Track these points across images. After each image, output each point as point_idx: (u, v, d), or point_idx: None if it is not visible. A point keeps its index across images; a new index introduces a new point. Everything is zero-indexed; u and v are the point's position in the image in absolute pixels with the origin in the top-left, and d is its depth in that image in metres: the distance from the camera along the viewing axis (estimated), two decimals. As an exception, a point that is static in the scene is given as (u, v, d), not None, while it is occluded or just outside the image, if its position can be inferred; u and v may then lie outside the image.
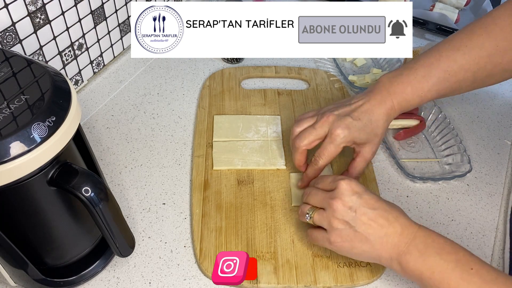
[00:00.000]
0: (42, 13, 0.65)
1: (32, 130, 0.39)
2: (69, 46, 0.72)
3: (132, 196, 0.64)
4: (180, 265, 0.57)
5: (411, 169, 0.70)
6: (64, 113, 0.41)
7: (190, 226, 0.61)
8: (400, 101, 0.59)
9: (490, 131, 0.77)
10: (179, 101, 0.79)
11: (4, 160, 0.37)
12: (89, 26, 0.75)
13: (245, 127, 0.73)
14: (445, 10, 0.98)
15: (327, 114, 0.59)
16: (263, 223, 0.61)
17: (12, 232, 0.46)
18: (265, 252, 0.58)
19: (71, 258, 0.54)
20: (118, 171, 0.67)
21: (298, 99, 0.79)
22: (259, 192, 0.64)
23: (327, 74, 0.85)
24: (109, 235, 0.48)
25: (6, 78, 0.43)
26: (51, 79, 0.43)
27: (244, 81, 0.84)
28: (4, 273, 0.51)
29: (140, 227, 0.61)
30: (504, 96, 0.85)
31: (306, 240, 0.59)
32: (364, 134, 0.59)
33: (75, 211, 0.50)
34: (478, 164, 0.72)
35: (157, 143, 0.72)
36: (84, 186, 0.43)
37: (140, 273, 0.56)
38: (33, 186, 0.43)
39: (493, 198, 0.67)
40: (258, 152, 0.69)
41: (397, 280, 0.57)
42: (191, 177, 0.67)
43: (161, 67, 0.86)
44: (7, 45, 0.61)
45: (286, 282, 0.55)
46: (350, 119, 0.58)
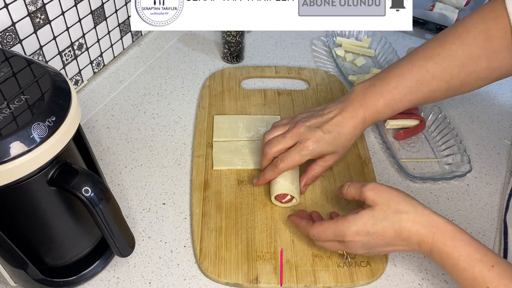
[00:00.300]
0: (42, 13, 0.65)
1: (32, 130, 0.39)
2: (69, 46, 0.72)
3: (132, 196, 0.64)
4: (180, 265, 0.57)
5: (411, 169, 0.70)
6: (64, 113, 0.41)
7: (190, 226, 0.61)
8: (372, 113, 0.59)
9: (490, 131, 0.77)
10: (179, 101, 0.79)
11: (4, 160, 0.37)
12: (89, 26, 0.75)
13: (245, 127, 0.73)
14: (445, 10, 0.98)
15: (298, 125, 0.60)
16: (263, 223, 0.61)
17: (12, 232, 0.46)
18: (265, 252, 0.58)
19: (71, 258, 0.54)
20: (118, 171, 0.67)
21: (298, 99, 0.79)
22: (259, 192, 0.64)
23: (327, 74, 0.85)
24: (109, 235, 0.48)
25: (6, 78, 0.43)
26: (51, 79, 0.43)
27: (244, 81, 0.84)
28: (4, 273, 0.51)
29: (140, 227, 0.61)
30: (504, 96, 0.85)
31: (306, 240, 0.59)
32: (332, 146, 0.59)
33: (75, 211, 0.50)
34: (478, 164, 0.72)
35: (157, 143, 0.72)
36: (84, 186, 0.43)
37: (140, 273, 0.56)
38: (33, 186, 0.43)
39: (493, 198, 0.67)
40: (258, 152, 0.69)
41: (397, 280, 0.57)
42: (191, 177, 0.67)
43: (161, 67, 0.86)
44: (7, 45, 0.61)
45: (286, 282, 0.55)
46: (321, 132, 0.58)
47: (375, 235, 0.50)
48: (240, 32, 0.83)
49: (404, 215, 0.49)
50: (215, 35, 0.94)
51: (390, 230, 0.49)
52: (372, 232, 0.49)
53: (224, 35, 0.83)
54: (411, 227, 0.48)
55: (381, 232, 0.49)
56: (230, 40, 0.83)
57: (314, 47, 0.93)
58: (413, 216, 0.49)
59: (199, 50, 0.90)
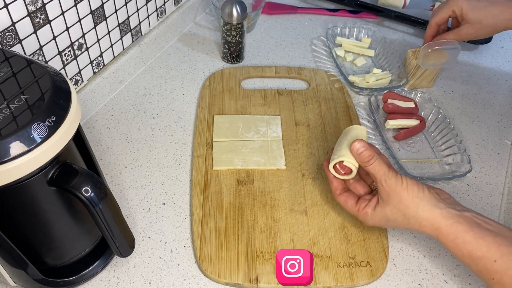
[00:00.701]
0: (42, 13, 0.65)
1: (32, 130, 0.39)
2: (69, 46, 0.72)
3: (132, 196, 0.64)
4: (180, 265, 0.57)
5: (411, 169, 0.70)
6: (64, 113, 0.41)
7: (190, 226, 0.61)
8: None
9: (490, 131, 0.77)
10: (179, 101, 0.79)
11: (4, 160, 0.37)
12: (89, 26, 0.75)
13: (245, 127, 0.73)
14: (445, 10, 0.97)
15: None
16: (263, 223, 0.61)
17: (12, 232, 0.46)
18: (265, 252, 0.58)
19: (71, 258, 0.54)
20: (118, 171, 0.67)
21: (298, 99, 0.79)
22: (259, 192, 0.64)
23: (327, 74, 0.85)
24: (109, 235, 0.48)
25: (6, 78, 0.43)
26: (51, 79, 0.43)
27: (244, 81, 0.84)
28: (4, 273, 0.51)
29: (140, 227, 0.61)
30: (504, 96, 0.85)
31: (306, 240, 0.59)
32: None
33: (75, 211, 0.50)
34: (478, 164, 0.72)
35: (157, 143, 0.72)
36: (84, 186, 0.43)
37: (140, 273, 0.56)
38: (33, 186, 0.43)
39: (493, 198, 0.67)
40: (258, 152, 0.69)
41: (397, 280, 0.57)
42: (191, 177, 0.67)
43: (161, 67, 0.86)
44: (7, 45, 0.61)
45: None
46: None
47: (389, 226, 0.57)
48: (240, 32, 0.83)
49: (411, 220, 0.53)
50: (215, 35, 0.94)
51: (402, 226, 0.55)
52: (387, 225, 0.57)
53: (224, 35, 0.83)
54: (418, 229, 0.53)
55: (394, 226, 0.56)
56: (230, 40, 0.83)
57: (314, 47, 0.93)
58: (419, 221, 0.53)
59: (199, 50, 0.90)
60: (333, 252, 0.58)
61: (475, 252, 0.49)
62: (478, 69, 0.89)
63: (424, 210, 0.52)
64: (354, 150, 0.56)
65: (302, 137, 0.72)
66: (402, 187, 0.53)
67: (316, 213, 0.62)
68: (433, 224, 0.52)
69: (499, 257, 0.48)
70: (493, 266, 0.48)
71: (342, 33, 0.94)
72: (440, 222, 0.51)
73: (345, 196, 0.59)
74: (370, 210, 0.56)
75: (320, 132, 0.73)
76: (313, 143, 0.72)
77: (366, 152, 0.55)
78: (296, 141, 0.72)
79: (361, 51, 0.90)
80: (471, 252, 0.49)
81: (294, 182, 0.66)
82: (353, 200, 0.58)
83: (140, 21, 0.87)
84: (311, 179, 0.66)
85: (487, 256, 0.48)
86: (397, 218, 0.54)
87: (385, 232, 0.61)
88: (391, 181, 0.54)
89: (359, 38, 0.93)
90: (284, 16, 1.02)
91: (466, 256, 0.50)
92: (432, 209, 0.52)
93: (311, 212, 0.62)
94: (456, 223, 0.50)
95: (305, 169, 0.68)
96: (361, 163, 0.56)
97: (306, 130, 0.74)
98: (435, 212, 0.52)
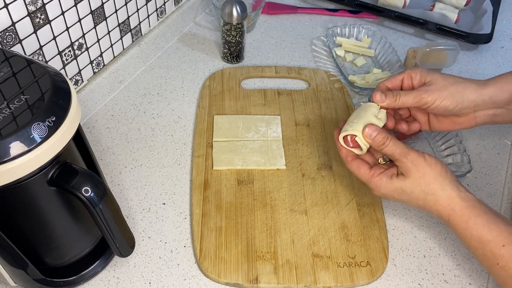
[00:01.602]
0: (42, 13, 0.65)
1: (32, 130, 0.39)
2: (69, 46, 0.72)
3: (132, 196, 0.64)
4: (180, 265, 0.57)
5: (411, 169, 0.70)
6: (64, 113, 0.41)
7: (190, 226, 0.61)
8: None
9: (490, 131, 0.77)
10: (179, 101, 0.79)
11: (4, 160, 0.37)
12: (89, 26, 0.75)
13: (245, 127, 0.73)
14: (445, 10, 0.98)
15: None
16: (263, 223, 0.61)
17: (12, 232, 0.46)
18: (265, 252, 0.58)
19: (71, 258, 0.54)
20: (118, 171, 0.67)
21: (298, 99, 0.79)
22: (259, 192, 0.64)
23: (327, 74, 0.85)
24: (109, 235, 0.48)
25: (6, 78, 0.43)
26: (51, 79, 0.43)
27: (244, 81, 0.84)
28: (4, 273, 0.51)
29: (140, 227, 0.61)
30: (504, 96, 0.84)
31: (306, 239, 0.59)
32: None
33: (75, 211, 0.50)
34: (478, 164, 0.72)
35: (157, 143, 0.72)
36: (84, 186, 0.43)
37: (140, 273, 0.56)
38: (33, 186, 0.43)
39: (493, 198, 0.67)
40: (258, 152, 0.69)
41: (397, 280, 0.57)
42: (191, 177, 0.67)
43: (161, 67, 0.86)
44: (7, 45, 0.61)
45: (286, 282, 0.55)
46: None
47: (398, 200, 0.56)
48: (240, 32, 0.83)
49: (429, 197, 0.53)
50: (215, 35, 0.94)
51: (413, 203, 0.55)
52: (397, 199, 0.55)
53: (224, 35, 0.83)
54: (432, 207, 0.54)
55: (405, 201, 0.55)
56: (230, 40, 0.83)
57: (314, 47, 0.93)
58: (437, 198, 0.53)
59: (199, 50, 0.90)
60: (333, 252, 0.58)
61: (485, 235, 0.50)
62: (478, 69, 0.89)
63: (445, 189, 0.52)
64: (368, 136, 0.55)
65: (302, 137, 0.72)
66: (426, 163, 0.53)
67: (316, 213, 0.62)
68: (449, 203, 0.52)
69: (508, 243, 0.48)
70: (500, 251, 0.49)
71: (342, 33, 0.94)
72: (457, 203, 0.52)
73: (357, 162, 0.57)
74: (386, 178, 0.55)
75: (320, 132, 0.73)
76: (313, 143, 0.72)
77: (379, 136, 0.54)
78: (296, 141, 0.72)
79: (361, 51, 0.90)
80: (481, 235, 0.50)
81: (294, 182, 0.66)
82: (366, 166, 0.57)
83: (140, 21, 0.87)
84: (311, 179, 0.66)
85: (496, 240, 0.49)
86: (414, 192, 0.53)
87: (385, 232, 0.61)
88: (411, 156, 0.53)
89: (359, 38, 0.93)
90: (284, 16, 1.02)
91: (475, 239, 0.50)
92: (453, 190, 0.52)
93: (311, 212, 0.62)
94: (472, 206, 0.51)
95: (305, 169, 0.68)
96: (377, 147, 0.55)
97: (306, 130, 0.74)
98: (454, 193, 0.52)
